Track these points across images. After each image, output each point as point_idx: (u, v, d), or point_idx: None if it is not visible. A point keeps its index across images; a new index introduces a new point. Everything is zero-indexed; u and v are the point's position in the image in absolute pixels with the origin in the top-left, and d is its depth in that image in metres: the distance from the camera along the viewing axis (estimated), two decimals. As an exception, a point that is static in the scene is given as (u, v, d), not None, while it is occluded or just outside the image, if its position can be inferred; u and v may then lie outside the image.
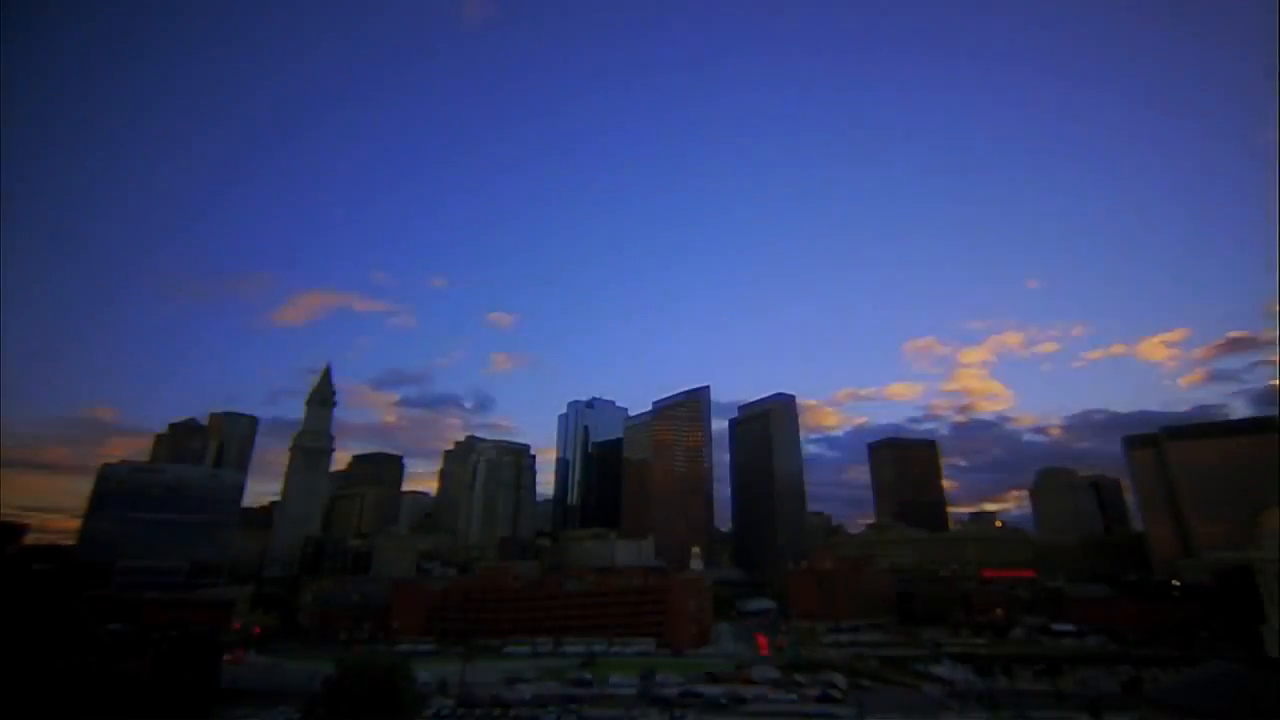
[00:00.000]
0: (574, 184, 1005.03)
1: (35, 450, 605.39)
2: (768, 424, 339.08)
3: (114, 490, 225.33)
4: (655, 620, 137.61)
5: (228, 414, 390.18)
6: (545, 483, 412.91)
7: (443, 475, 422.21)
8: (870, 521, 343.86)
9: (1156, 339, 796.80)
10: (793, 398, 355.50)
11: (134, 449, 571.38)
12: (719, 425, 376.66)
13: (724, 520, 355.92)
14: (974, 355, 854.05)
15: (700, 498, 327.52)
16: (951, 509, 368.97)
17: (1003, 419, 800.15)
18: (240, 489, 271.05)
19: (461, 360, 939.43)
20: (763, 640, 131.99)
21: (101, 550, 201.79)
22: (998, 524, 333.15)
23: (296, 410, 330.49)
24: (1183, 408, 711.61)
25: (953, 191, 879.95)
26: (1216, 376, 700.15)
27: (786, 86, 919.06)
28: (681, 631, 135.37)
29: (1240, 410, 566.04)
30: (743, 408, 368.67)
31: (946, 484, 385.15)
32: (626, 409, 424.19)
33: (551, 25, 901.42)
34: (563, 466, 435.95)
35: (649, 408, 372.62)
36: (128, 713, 65.79)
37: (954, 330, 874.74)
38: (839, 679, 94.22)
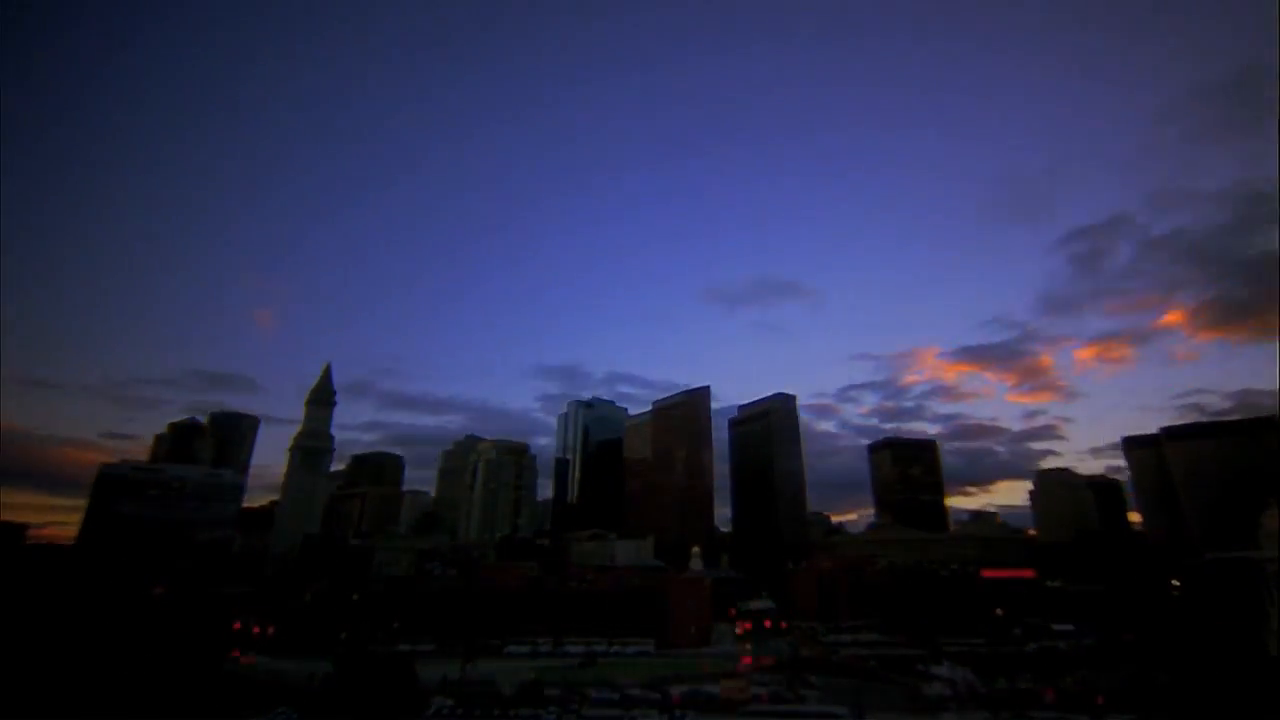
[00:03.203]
0: (571, 182, 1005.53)
1: (35, 450, 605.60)
2: (768, 424, 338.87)
3: (114, 490, 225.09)
4: (655, 620, 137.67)
5: (228, 414, 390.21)
6: (545, 483, 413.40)
7: (443, 475, 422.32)
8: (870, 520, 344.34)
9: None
10: (793, 398, 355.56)
11: (134, 449, 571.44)
12: (719, 425, 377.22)
13: (724, 520, 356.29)
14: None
15: (700, 498, 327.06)
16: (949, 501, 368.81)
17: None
18: (240, 489, 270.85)
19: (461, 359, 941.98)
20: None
21: (101, 550, 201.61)
22: (998, 522, 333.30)
23: (297, 410, 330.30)
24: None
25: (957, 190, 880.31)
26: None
27: (785, 80, 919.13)
28: (682, 631, 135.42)
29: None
30: (743, 408, 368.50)
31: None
32: (626, 409, 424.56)
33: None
34: (563, 466, 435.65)
35: (649, 408, 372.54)
36: (128, 711, 65.77)
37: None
38: (814, 679, 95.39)
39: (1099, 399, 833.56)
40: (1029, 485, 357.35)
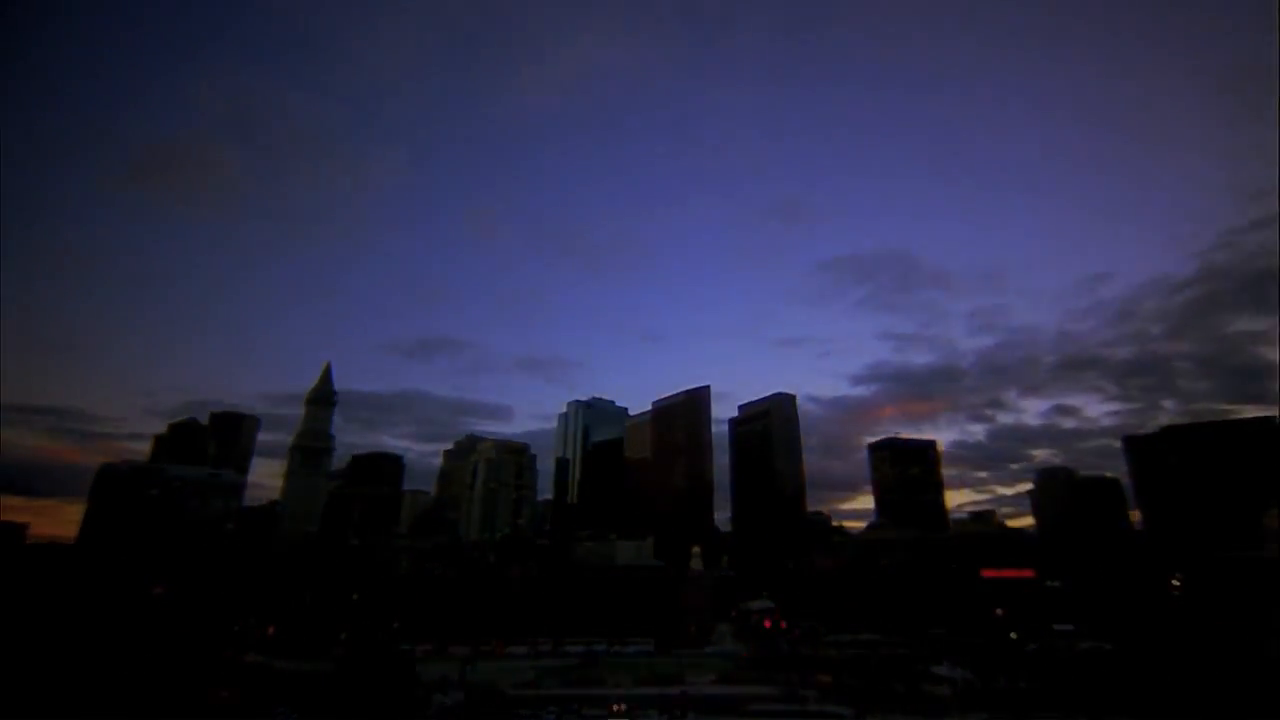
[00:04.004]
0: (571, 180, 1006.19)
1: (34, 449, 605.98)
2: (768, 424, 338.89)
3: (114, 490, 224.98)
4: (656, 620, 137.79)
5: (228, 414, 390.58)
6: (545, 483, 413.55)
7: (443, 475, 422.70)
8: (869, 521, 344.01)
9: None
10: (793, 397, 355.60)
11: (134, 449, 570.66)
12: (719, 425, 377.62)
13: (724, 520, 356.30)
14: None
15: (700, 498, 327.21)
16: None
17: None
18: (240, 489, 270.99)
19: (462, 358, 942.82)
20: None
21: (101, 550, 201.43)
22: (997, 522, 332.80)
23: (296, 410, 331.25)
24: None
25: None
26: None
27: (788, 79, 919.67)
28: (682, 631, 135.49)
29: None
30: (743, 407, 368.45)
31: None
32: (627, 409, 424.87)
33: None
34: (563, 466, 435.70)
35: (649, 408, 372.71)
36: (128, 711, 65.75)
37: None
38: (825, 678, 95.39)
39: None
40: (1029, 484, 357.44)
